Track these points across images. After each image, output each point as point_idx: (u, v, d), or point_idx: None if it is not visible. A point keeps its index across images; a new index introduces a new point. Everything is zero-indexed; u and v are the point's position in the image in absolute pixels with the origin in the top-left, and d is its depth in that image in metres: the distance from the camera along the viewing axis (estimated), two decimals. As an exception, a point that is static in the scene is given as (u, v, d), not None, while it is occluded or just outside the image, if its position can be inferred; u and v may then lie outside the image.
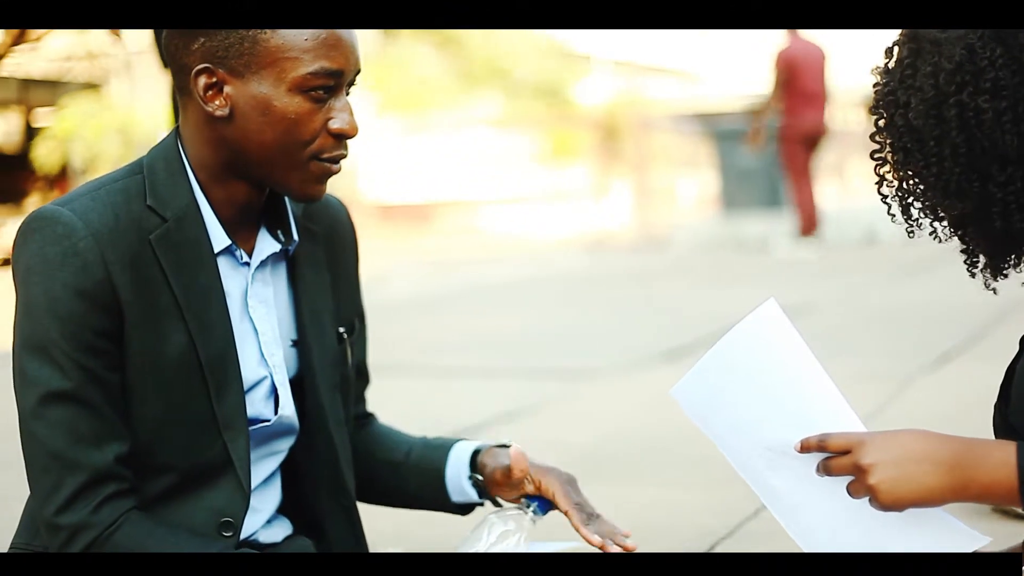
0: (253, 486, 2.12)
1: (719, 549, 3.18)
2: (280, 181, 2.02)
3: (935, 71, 1.90)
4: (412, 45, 27.11)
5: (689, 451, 4.19)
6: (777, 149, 13.26)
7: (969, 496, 1.83)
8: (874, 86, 2.02)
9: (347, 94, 2.03)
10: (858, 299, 8.47)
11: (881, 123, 2.00)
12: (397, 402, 5.36)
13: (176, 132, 2.07)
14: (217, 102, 1.98)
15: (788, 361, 1.96)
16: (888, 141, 2.00)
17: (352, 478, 2.24)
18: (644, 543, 3.08)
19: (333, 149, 2.02)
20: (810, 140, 12.71)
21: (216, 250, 2.04)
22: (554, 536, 2.86)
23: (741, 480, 2.01)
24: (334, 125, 2.00)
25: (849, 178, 25.13)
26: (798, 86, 12.45)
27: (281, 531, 2.22)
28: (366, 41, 25.54)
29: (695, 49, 46.64)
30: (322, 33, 1.97)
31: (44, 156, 21.81)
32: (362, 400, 2.41)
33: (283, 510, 2.25)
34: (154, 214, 2.00)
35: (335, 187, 2.15)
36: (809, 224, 12.75)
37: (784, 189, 13.92)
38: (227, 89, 1.98)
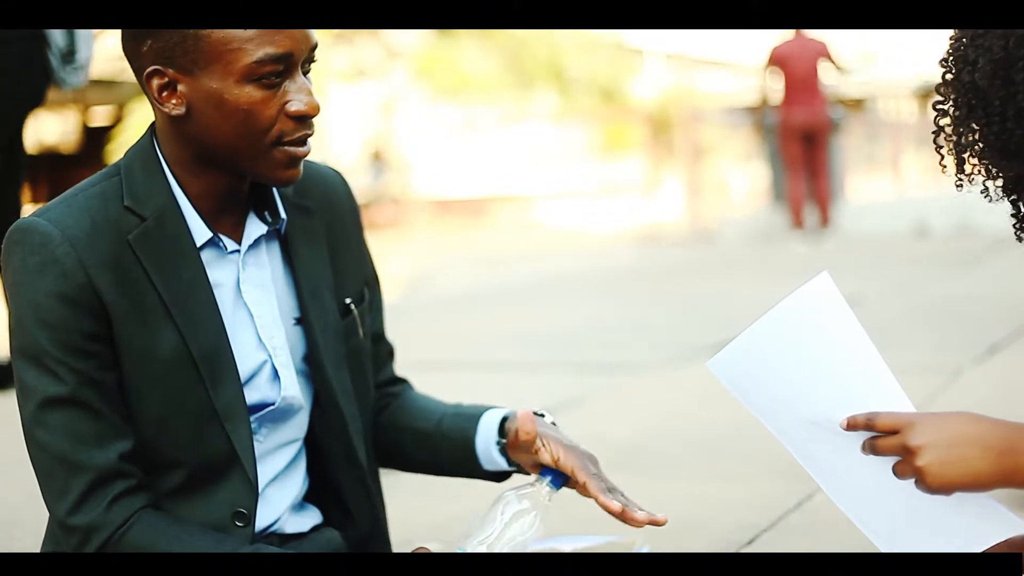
0: (272, 475, 2.15)
1: (759, 542, 3.18)
2: (249, 170, 2.03)
3: (1007, 33, 1.89)
4: (466, 40, 27.11)
5: (732, 445, 4.19)
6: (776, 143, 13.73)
7: (1018, 482, 1.82)
8: (949, 39, 2.00)
9: (306, 72, 2.04)
10: (907, 291, 8.42)
11: (948, 77, 1.98)
12: (443, 396, 5.39)
13: (152, 130, 2.10)
14: (173, 101, 2.00)
15: (839, 336, 1.94)
16: (952, 96, 1.98)
17: (364, 449, 2.24)
18: (685, 536, 3.12)
19: (295, 131, 2.01)
20: (804, 134, 13.02)
21: (199, 243, 2.06)
22: (590, 530, 2.89)
23: (783, 474, 2.00)
24: (291, 108, 2.00)
25: (903, 171, 24.98)
26: (789, 81, 12.85)
27: (309, 520, 2.24)
28: (420, 38, 25.64)
29: (746, 42, 46.38)
30: None
31: (108, 158, 21.98)
32: (387, 367, 2.42)
33: (311, 494, 2.26)
34: (132, 214, 2.02)
35: (389, 181, 2.15)
36: (797, 217, 13.09)
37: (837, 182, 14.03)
38: (180, 88, 1.99)
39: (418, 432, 2.37)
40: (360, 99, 28.34)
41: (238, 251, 2.10)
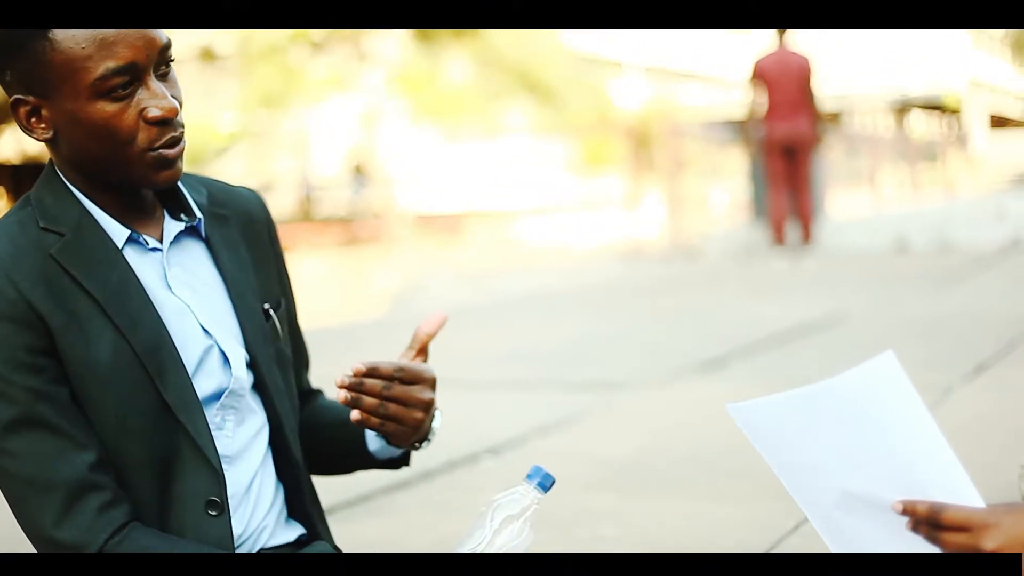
0: (253, 472, 2.15)
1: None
2: (125, 179, 2.04)
3: None
4: (445, 51, 27.15)
5: (728, 464, 4.20)
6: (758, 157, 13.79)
7: None
8: None
9: (164, 74, 2.04)
10: (891, 308, 8.46)
11: None
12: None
13: (51, 161, 2.12)
14: (41, 127, 2.02)
15: (902, 415, 1.85)
16: None
17: (299, 447, 2.24)
18: (683, 557, 3.13)
19: (160, 136, 2.01)
20: (786, 149, 13.08)
21: (119, 244, 2.07)
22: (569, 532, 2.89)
23: (781, 495, 1.98)
24: (148, 115, 1.99)
25: (880, 186, 25.07)
26: (772, 96, 12.91)
27: (293, 532, 2.24)
28: (399, 50, 25.65)
29: (725, 55, 46.48)
30: (97, 34, 1.97)
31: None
32: (303, 377, 2.42)
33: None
34: (50, 233, 2.03)
35: (371, 196, 2.17)
36: (779, 234, 13.15)
37: (818, 197, 14.08)
38: (43, 112, 2.01)
39: (321, 426, 2.37)
40: (340, 111, 28.32)
41: (160, 249, 2.12)
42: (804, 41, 13.77)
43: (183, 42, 21.23)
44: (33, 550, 2.05)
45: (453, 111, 26.62)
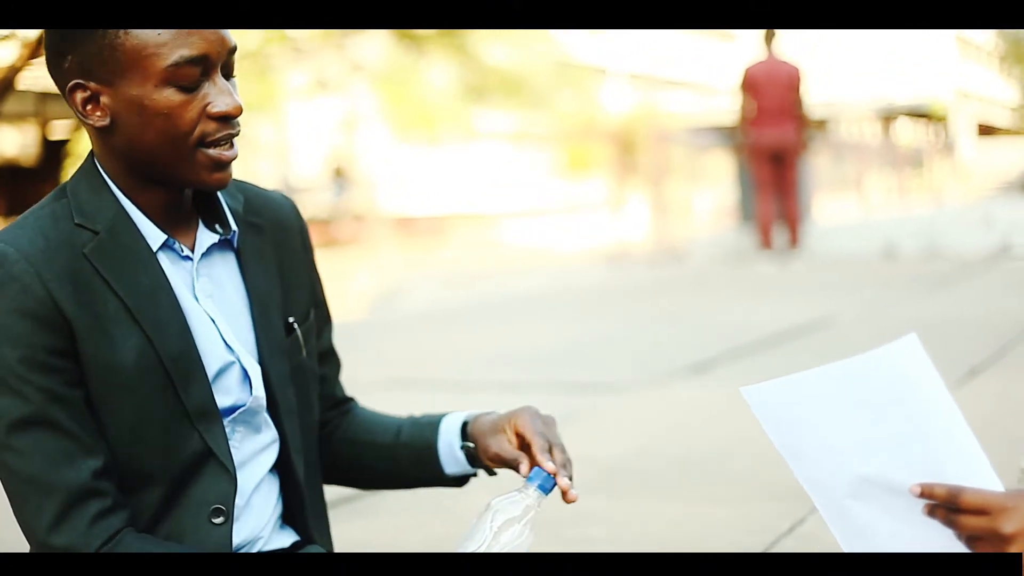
0: (255, 483, 2.14)
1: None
2: (175, 175, 2.03)
3: None
4: (428, 58, 27.15)
5: (720, 466, 4.16)
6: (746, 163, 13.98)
7: None
8: None
9: (228, 75, 2.04)
10: (880, 313, 8.45)
11: None
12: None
13: (92, 153, 2.10)
14: (97, 114, 2.01)
15: (923, 396, 1.83)
16: None
17: (304, 467, 2.23)
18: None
19: (217, 132, 2.01)
20: (774, 155, 13.24)
21: (154, 248, 2.06)
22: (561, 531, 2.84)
23: (774, 498, 1.92)
24: (212, 109, 2.00)
25: (867, 192, 25.14)
26: (761, 103, 13.09)
27: (288, 537, 2.23)
28: (381, 53, 25.62)
29: (710, 62, 46.66)
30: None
31: (66, 171, 21.87)
32: (337, 385, 2.42)
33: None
34: (84, 230, 2.02)
35: (353, 198, 2.13)
36: (766, 238, 13.28)
37: (804, 202, 14.12)
38: (103, 99, 2.00)
39: (376, 444, 2.38)
40: (322, 114, 28.31)
41: (191, 258, 2.10)
42: (793, 49, 13.84)
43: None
44: (29, 549, 2.04)
45: (435, 114, 26.63)
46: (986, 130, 54.46)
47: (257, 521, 2.15)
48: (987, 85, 60.92)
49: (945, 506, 1.77)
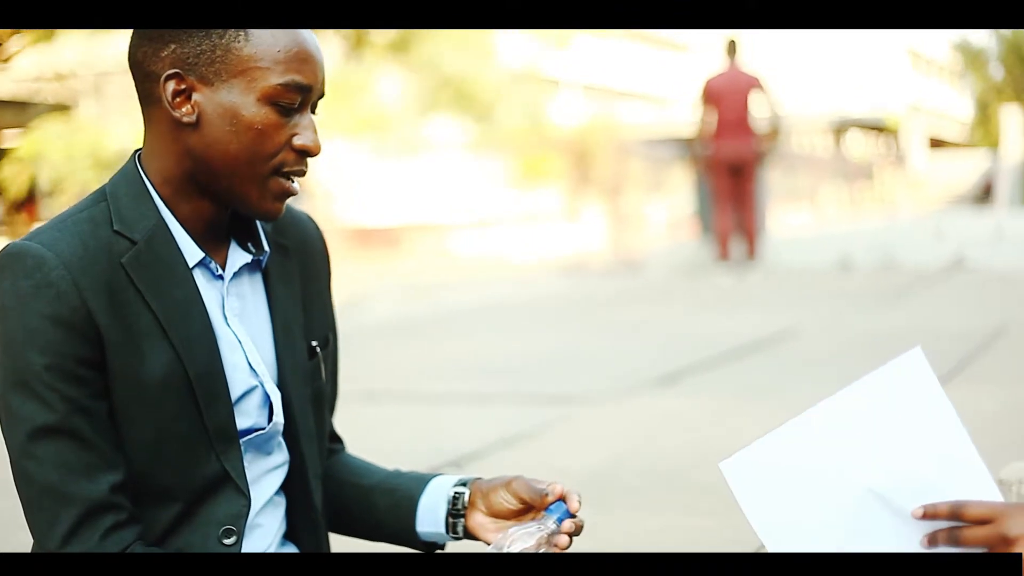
0: (263, 502, 2.13)
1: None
2: (240, 194, 2.02)
3: None
4: (381, 68, 27.09)
5: (692, 476, 4.20)
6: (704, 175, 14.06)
7: None
8: None
9: (313, 113, 2.04)
10: (840, 325, 8.51)
11: None
12: (392, 429, 5.33)
13: (135, 156, 2.08)
14: (185, 108, 1.98)
15: (927, 413, 1.84)
16: None
17: (320, 492, 2.23)
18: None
19: (294, 164, 2.01)
20: (732, 167, 13.29)
21: (191, 264, 2.04)
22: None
23: None
24: (298, 141, 2.00)
25: (820, 204, 25.27)
26: (721, 115, 13.14)
27: (290, 551, 2.23)
28: (332, 63, 25.55)
29: (665, 74, 46.78)
30: (294, 47, 1.98)
31: (10, 178, 21.70)
32: (330, 419, 2.39)
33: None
34: (123, 238, 1.99)
35: (309, 208, 2.14)
36: (723, 250, 13.35)
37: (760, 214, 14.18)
38: (196, 96, 1.98)
39: (358, 486, 2.35)
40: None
41: (222, 278, 2.09)
42: (748, 60, 13.87)
43: (116, 51, 21.03)
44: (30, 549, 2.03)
45: (386, 125, 26.54)
46: (938, 143, 54.87)
47: (261, 541, 2.15)
48: (939, 99, 61.41)
49: (948, 524, 1.78)
